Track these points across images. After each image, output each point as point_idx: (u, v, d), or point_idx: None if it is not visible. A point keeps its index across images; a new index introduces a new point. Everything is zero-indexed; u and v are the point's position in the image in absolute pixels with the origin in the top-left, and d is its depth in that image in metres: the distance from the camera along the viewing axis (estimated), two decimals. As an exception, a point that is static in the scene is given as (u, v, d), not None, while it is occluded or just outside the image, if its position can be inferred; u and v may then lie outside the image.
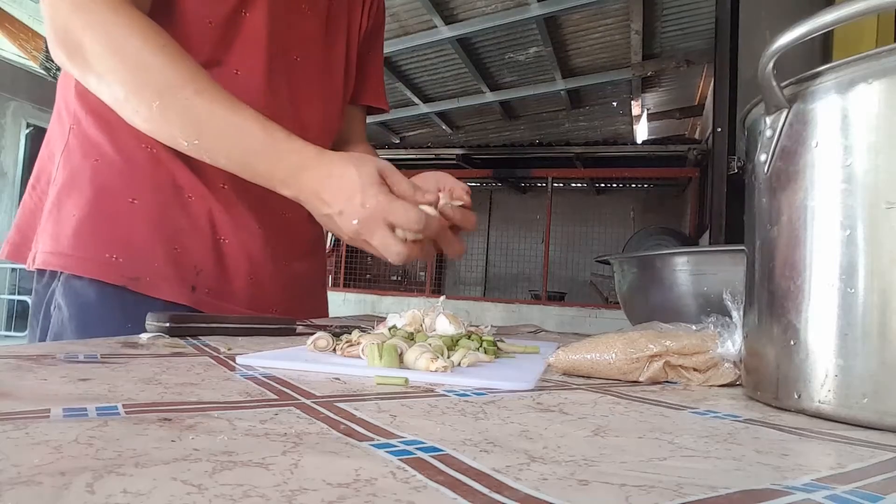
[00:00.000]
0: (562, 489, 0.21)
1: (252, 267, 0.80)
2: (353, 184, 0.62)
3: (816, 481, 0.24)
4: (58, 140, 0.77)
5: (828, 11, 0.35)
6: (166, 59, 0.63)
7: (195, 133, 0.64)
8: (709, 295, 0.70)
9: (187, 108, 0.64)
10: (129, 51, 0.63)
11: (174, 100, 0.63)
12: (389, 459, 0.23)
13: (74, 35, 0.63)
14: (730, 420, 0.36)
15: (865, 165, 0.35)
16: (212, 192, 0.76)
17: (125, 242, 0.71)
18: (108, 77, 0.63)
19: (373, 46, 1.01)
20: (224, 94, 0.65)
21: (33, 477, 0.19)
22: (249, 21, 0.77)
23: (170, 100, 0.63)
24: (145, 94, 0.63)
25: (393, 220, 0.62)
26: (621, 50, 5.51)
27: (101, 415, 0.28)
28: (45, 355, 0.43)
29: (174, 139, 0.66)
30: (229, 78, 0.75)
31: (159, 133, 0.66)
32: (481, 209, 9.66)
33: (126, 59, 0.63)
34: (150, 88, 0.63)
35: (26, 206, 0.79)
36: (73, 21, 0.63)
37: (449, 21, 5.04)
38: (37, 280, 0.77)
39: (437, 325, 0.61)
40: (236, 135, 0.64)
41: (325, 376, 0.43)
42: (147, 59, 0.63)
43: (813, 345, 0.37)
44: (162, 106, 0.63)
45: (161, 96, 0.63)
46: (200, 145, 0.65)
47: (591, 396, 0.41)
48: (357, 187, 0.62)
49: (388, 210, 0.62)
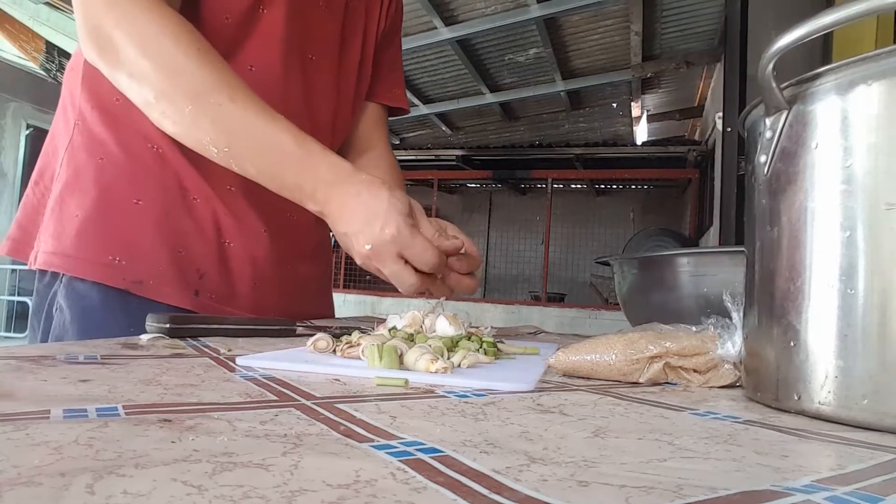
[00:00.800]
0: (562, 490, 0.21)
1: (257, 270, 0.79)
2: (379, 208, 0.61)
3: (816, 482, 0.24)
4: (62, 135, 0.76)
5: (827, 13, 0.36)
6: (200, 62, 0.62)
7: (226, 140, 0.63)
8: (709, 296, 0.70)
9: (220, 114, 0.62)
10: (163, 52, 0.62)
11: (207, 105, 0.62)
12: (389, 460, 0.23)
13: (106, 32, 0.62)
14: (730, 421, 0.36)
15: (865, 167, 0.35)
16: (217, 194, 0.75)
17: (128, 245, 0.70)
18: (140, 78, 0.62)
19: (390, 46, 1.01)
20: (259, 102, 0.64)
21: (33, 478, 0.19)
22: (267, 17, 0.76)
23: (202, 105, 0.62)
24: (177, 99, 0.62)
25: (408, 255, 0.62)
26: (621, 51, 5.51)
27: (101, 416, 0.28)
28: (45, 356, 0.43)
29: (204, 146, 0.64)
30: (243, 73, 0.74)
31: (188, 138, 0.65)
32: (481, 210, 9.66)
33: (159, 61, 0.62)
34: (182, 92, 0.62)
35: (28, 202, 0.78)
36: (105, 18, 0.62)
37: (449, 22, 5.05)
38: (38, 279, 0.75)
39: (437, 327, 0.61)
40: (269, 144, 0.63)
41: (325, 377, 0.43)
42: (180, 62, 0.62)
43: (813, 346, 0.37)
44: (194, 111, 0.62)
45: (193, 101, 0.62)
46: (231, 153, 0.64)
47: (591, 398, 0.41)
48: (382, 212, 0.61)
49: (407, 244, 0.61)
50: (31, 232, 0.76)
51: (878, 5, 0.34)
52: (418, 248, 0.61)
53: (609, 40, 5.40)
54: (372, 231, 0.61)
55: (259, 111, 0.63)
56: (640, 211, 8.81)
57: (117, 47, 0.62)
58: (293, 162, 0.64)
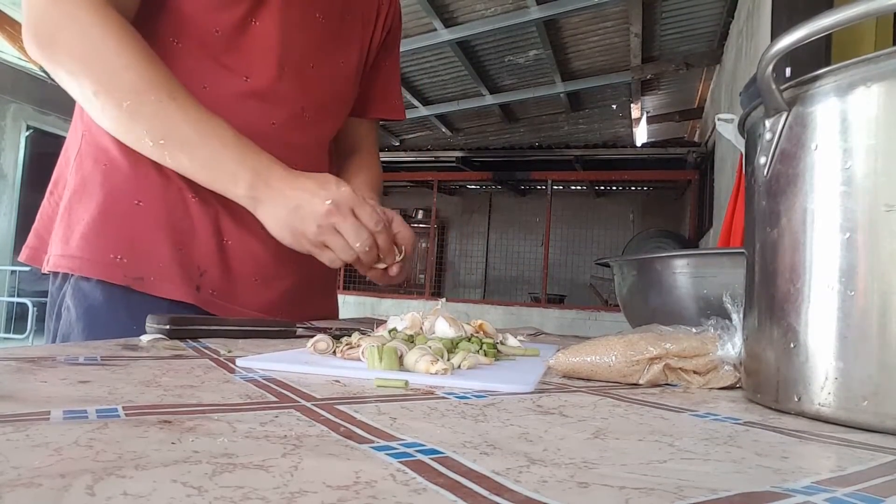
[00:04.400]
0: (562, 492, 0.21)
1: (257, 268, 0.80)
2: (329, 176, 0.68)
3: (816, 484, 0.24)
4: (72, 147, 0.78)
5: (826, 15, 0.36)
6: (143, 63, 0.64)
7: (162, 132, 0.65)
8: (709, 297, 0.70)
9: (159, 108, 0.64)
10: (105, 52, 0.63)
11: (146, 100, 0.64)
12: (389, 462, 0.23)
13: (48, 28, 0.64)
14: (730, 423, 0.36)
15: (865, 168, 0.35)
16: (215, 195, 0.76)
17: (129, 243, 0.72)
18: (80, 74, 0.64)
19: (389, 57, 1.02)
20: (198, 104, 0.66)
21: (33, 479, 0.19)
22: (259, 29, 0.77)
23: (141, 99, 0.64)
24: (116, 94, 0.64)
25: (358, 212, 0.67)
26: (621, 53, 5.52)
27: (101, 417, 0.28)
28: (45, 357, 0.43)
29: (139, 138, 0.66)
30: (238, 83, 0.76)
31: (124, 133, 0.67)
32: (481, 212, 9.67)
33: (101, 59, 0.63)
34: (122, 89, 0.64)
35: (44, 212, 0.81)
36: (49, 14, 0.64)
37: (449, 24, 5.05)
38: (51, 282, 0.78)
39: (437, 328, 0.61)
40: (208, 134, 0.66)
41: (325, 379, 0.43)
42: (122, 61, 0.64)
43: (813, 347, 0.37)
44: (132, 105, 0.64)
45: (132, 96, 0.64)
46: (166, 144, 0.66)
47: (591, 399, 0.41)
48: (332, 178, 0.68)
49: (360, 201, 0.67)
50: (47, 239, 0.79)
51: (878, 7, 0.34)
52: (368, 208, 0.68)
53: (609, 42, 5.41)
54: (329, 189, 0.66)
55: (199, 109, 0.66)
56: (639, 212, 8.82)
57: (58, 44, 0.64)
58: (232, 151, 0.66)
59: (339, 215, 0.66)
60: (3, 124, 6.53)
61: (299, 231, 0.67)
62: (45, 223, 0.81)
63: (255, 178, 0.66)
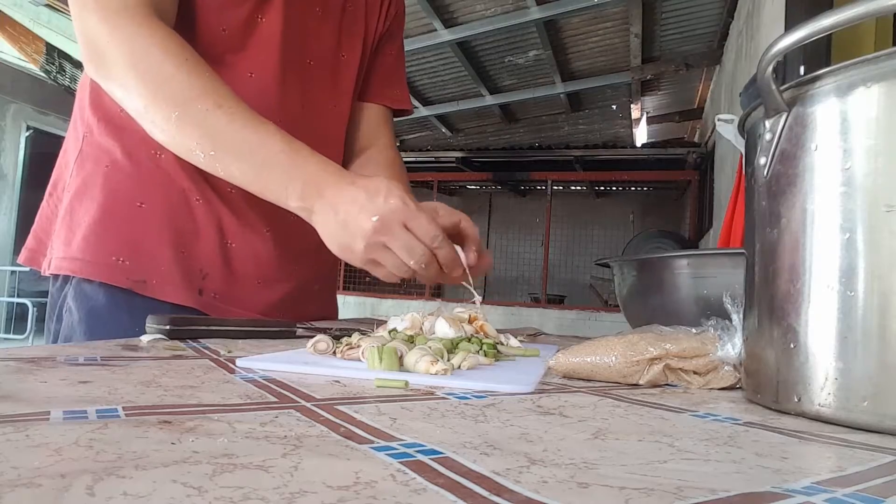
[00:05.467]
0: (562, 492, 0.21)
1: (260, 270, 0.80)
2: (380, 184, 0.61)
3: (816, 484, 0.24)
4: (72, 148, 0.78)
5: (826, 15, 0.36)
6: (188, 71, 0.63)
7: (211, 144, 0.63)
8: (709, 298, 0.70)
9: (206, 119, 0.63)
10: (151, 62, 0.63)
11: (194, 111, 0.62)
12: (389, 462, 0.23)
13: (100, 46, 0.64)
14: (730, 423, 0.36)
15: (865, 169, 0.35)
16: (219, 197, 0.77)
17: (132, 245, 0.72)
18: (130, 88, 0.64)
19: (391, 48, 1.00)
20: (246, 108, 0.64)
21: (33, 479, 0.19)
22: (264, 25, 0.77)
23: (189, 111, 0.62)
24: (164, 106, 0.63)
25: (413, 225, 0.60)
26: (621, 53, 5.52)
27: (101, 417, 0.28)
28: (45, 358, 0.43)
29: (190, 151, 0.64)
30: (243, 80, 0.76)
31: (176, 145, 0.65)
32: (481, 212, 9.66)
33: (147, 70, 0.63)
34: (169, 100, 0.63)
35: (43, 213, 0.81)
36: (98, 32, 0.63)
37: (449, 24, 5.05)
38: (52, 284, 0.78)
39: (437, 328, 0.61)
40: (256, 144, 0.63)
41: (325, 379, 0.43)
42: (168, 71, 0.63)
43: (813, 348, 0.37)
44: (180, 117, 0.63)
45: (180, 107, 0.62)
46: (216, 156, 0.64)
47: (591, 399, 0.41)
48: (383, 187, 0.60)
49: (413, 214, 0.60)
50: (45, 241, 0.79)
51: (877, 8, 0.34)
52: (423, 220, 0.60)
53: (608, 42, 5.41)
54: (376, 204, 0.59)
55: (246, 115, 0.64)
56: (639, 213, 8.82)
57: (109, 61, 0.63)
58: (281, 160, 0.63)
59: (388, 233, 0.60)
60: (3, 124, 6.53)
61: (348, 248, 0.62)
62: (43, 225, 0.80)
63: (304, 188, 0.62)
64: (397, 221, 0.59)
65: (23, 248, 0.82)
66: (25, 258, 0.81)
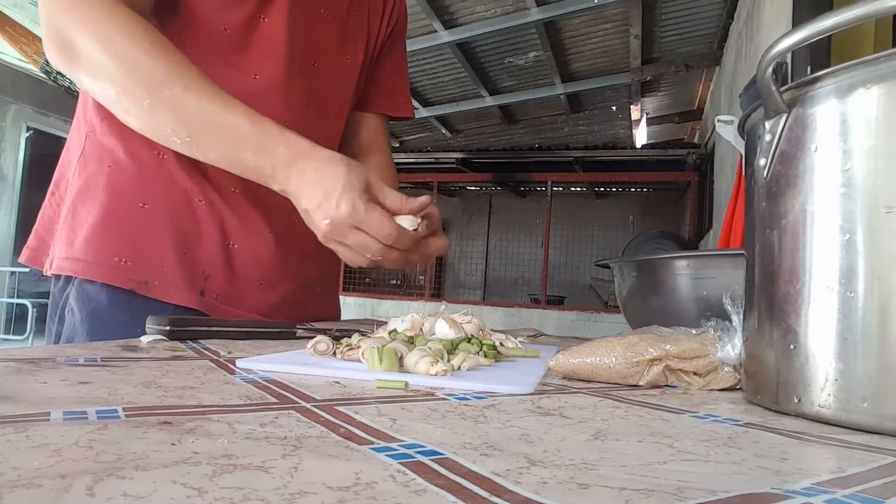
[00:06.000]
0: (562, 493, 0.21)
1: (262, 271, 0.80)
2: (337, 182, 0.62)
3: (816, 485, 0.24)
4: (75, 148, 0.78)
5: (826, 16, 0.36)
6: (154, 55, 0.63)
7: (186, 130, 0.64)
8: (709, 299, 0.70)
9: (176, 104, 0.63)
10: (117, 49, 0.62)
11: (162, 97, 0.62)
12: (389, 463, 0.23)
13: (66, 34, 0.63)
14: (730, 424, 0.36)
15: (864, 170, 0.35)
16: (222, 197, 0.77)
17: (134, 246, 0.72)
18: (99, 76, 0.63)
19: (393, 53, 1.01)
20: (214, 90, 0.64)
21: (33, 480, 0.19)
22: (267, 26, 0.77)
23: (158, 97, 0.62)
24: (135, 93, 0.63)
25: (365, 228, 0.62)
26: (620, 54, 5.52)
27: (101, 418, 0.28)
28: (45, 358, 0.43)
29: (167, 137, 0.65)
30: (248, 81, 0.76)
31: (152, 132, 0.66)
32: (481, 213, 9.67)
33: (114, 56, 0.62)
34: (139, 86, 0.63)
35: (45, 213, 0.81)
36: (65, 20, 0.63)
37: (449, 26, 5.06)
38: (53, 284, 0.78)
39: (437, 329, 0.61)
40: (225, 128, 0.64)
41: (325, 380, 0.43)
42: (134, 57, 0.62)
43: (813, 349, 0.37)
44: (151, 104, 0.63)
45: (150, 94, 0.62)
46: (192, 141, 0.64)
47: (591, 400, 0.41)
48: (339, 187, 0.62)
49: (362, 219, 0.62)
50: (47, 241, 0.79)
51: (878, 9, 0.34)
52: (375, 223, 0.62)
53: (608, 43, 5.41)
54: (329, 207, 0.62)
55: (214, 97, 0.64)
56: (639, 214, 8.82)
57: (76, 48, 0.63)
58: (250, 143, 0.64)
59: (340, 235, 0.63)
60: (3, 125, 6.53)
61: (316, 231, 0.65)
62: (45, 224, 0.80)
63: (275, 171, 0.64)
64: (347, 225, 0.62)
65: (24, 247, 0.81)
66: (27, 258, 0.81)
